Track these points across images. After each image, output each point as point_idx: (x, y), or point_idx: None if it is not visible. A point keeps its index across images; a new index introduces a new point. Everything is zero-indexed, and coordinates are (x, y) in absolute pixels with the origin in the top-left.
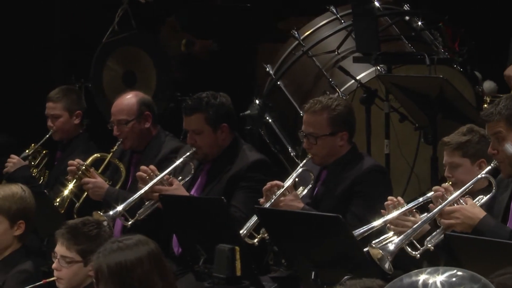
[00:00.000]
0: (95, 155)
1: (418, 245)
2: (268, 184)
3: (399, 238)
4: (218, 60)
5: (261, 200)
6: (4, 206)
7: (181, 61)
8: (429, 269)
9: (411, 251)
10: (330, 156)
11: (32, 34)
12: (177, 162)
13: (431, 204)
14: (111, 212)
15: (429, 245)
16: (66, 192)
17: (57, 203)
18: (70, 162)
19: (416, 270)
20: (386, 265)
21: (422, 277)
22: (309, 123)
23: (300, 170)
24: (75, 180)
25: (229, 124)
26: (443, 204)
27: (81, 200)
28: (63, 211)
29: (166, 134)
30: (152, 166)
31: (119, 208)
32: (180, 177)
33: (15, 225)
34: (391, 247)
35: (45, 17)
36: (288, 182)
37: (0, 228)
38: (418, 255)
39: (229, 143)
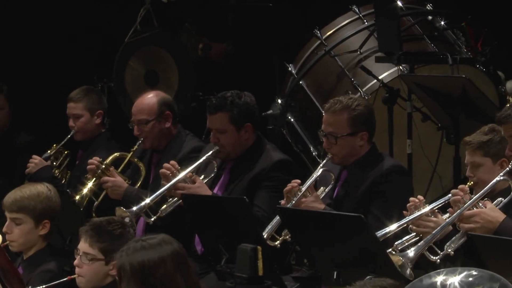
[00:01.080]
0: (115, 154)
1: (438, 250)
2: (289, 186)
3: (419, 244)
4: (237, 61)
5: (282, 201)
6: (30, 206)
7: (199, 65)
8: (447, 270)
9: (431, 256)
10: (350, 156)
11: (54, 34)
12: (200, 160)
13: (450, 209)
14: (134, 208)
15: (449, 250)
16: (85, 190)
17: (76, 201)
18: (90, 160)
19: (435, 271)
20: (407, 272)
21: (440, 278)
22: (329, 123)
23: (321, 170)
24: (94, 178)
25: (253, 124)
26: (462, 208)
27: (100, 199)
28: (81, 209)
29: (187, 134)
30: (173, 162)
31: (142, 203)
32: (203, 175)
33: (40, 224)
34: (411, 254)
35: (68, 17)
36: (308, 183)
37: (25, 227)
38: (438, 260)
39: (252, 143)
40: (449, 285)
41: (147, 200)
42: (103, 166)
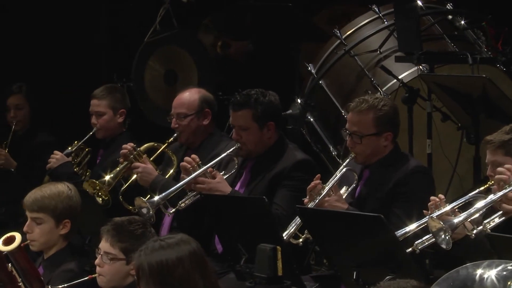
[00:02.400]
0: (150, 143)
1: (475, 225)
2: (312, 183)
3: (462, 215)
4: (255, 60)
5: (305, 200)
6: (50, 205)
7: (218, 63)
8: (484, 263)
9: (468, 229)
10: (373, 156)
11: (75, 34)
12: (221, 156)
13: (494, 186)
14: (155, 198)
15: (488, 227)
16: (114, 173)
17: (105, 182)
18: (124, 146)
19: (472, 263)
20: (444, 239)
21: (479, 271)
22: (354, 122)
23: (344, 169)
24: (125, 162)
25: (276, 123)
26: (509, 189)
27: (127, 184)
28: (110, 188)
29: (222, 134)
30: (194, 156)
31: (161, 195)
32: (224, 171)
33: (61, 224)
34: (456, 220)
35: (88, 17)
36: (332, 182)
37: (45, 227)
38: (473, 235)
39: (274, 142)
40: (486, 278)
41: (166, 192)
42: (136, 152)
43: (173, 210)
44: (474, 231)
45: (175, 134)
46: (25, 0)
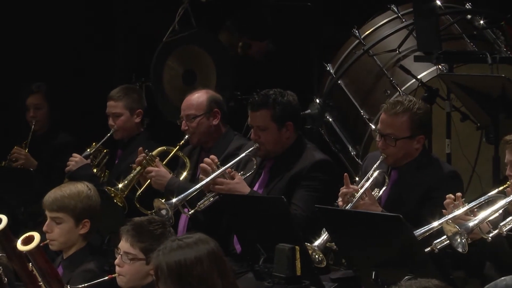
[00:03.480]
0: (162, 147)
1: (491, 229)
2: (346, 187)
3: (476, 218)
4: (275, 60)
5: (339, 202)
6: (70, 205)
7: (239, 63)
8: None
9: (483, 232)
10: (404, 158)
11: (93, 33)
12: (240, 157)
13: (508, 188)
14: (173, 200)
15: (504, 230)
16: (131, 176)
17: (119, 189)
18: (140, 149)
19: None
20: (460, 243)
21: None
22: (388, 124)
23: (377, 172)
24: (139, 168)
25: (295, 123)
26: None
27: (142, 188)
28: (125, 194)
29: (235, 134)
30: (213, 157)
31: (180, 197)
32: (242, 172)
33: (80, 223)
34: (471, 223)
35: (106, 17)
36: (366, 185)
37: (65, 226)
38: (490, 238)
39: (293, 142)
40: None
41: (185, 193)
42: (148, 157)
43: (192, 211)
44: (490, 235)
45: (186, 136)
46: (44, 1)
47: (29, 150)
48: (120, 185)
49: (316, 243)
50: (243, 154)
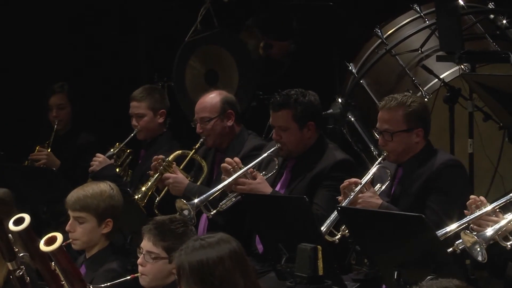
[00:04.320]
0: (178, 152)
1: (510, 237)
2: (346, 182)
3: (496, 226)
4: (297, 60)
5: (340, 197)
6: (93, 204)
7: (260, 64)
8: None
9: (503, 241)
10: (406, 154)
11: (115, 33)
12: (261, 157)
13: None
14: (195, 200)
15: None
16: (146, 187)
17: (138, 197)
18: (155, 157)
19: None
20: (480, 253)
21: None
22: (384, 120)
23: (377, 167)
24: (157, 175)
25: (316, 123)
26: None
27: (161, 195)
28: (143, 204)
29: (249, 133)
30: (236, 159)
31: (203, 196)
32: (264, 172)
33: (103, 223)
34: (489, 233)
35: (128, 17)
36: (366, 179)
37: (88, 226)
38: (510, 246)
39: (314, 142)
40: None
41: (207, 194)
42: (165, 163)
43: (214, 211)
44: (509, 243)
45: (201, 139)
46: (66, 1)
47: (52, 150)
48: (137, 197)
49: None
50: (265, 154)
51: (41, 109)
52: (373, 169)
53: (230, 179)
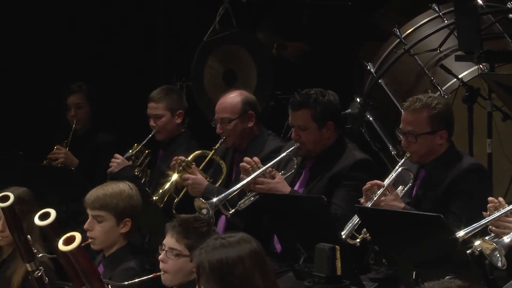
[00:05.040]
0: (197, 152)
1: None
2: (368, 184)
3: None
4: (315, 60)
5: (362, 200)
6: (112, 204)
7: (277, 63)
8: None
9: None
10: (429, 155)
11: (133, 33)
12: (280, 156)
13: None
14: (214, 200)
15: None
16: (166, 186)
17: (157, 197)
18: (175, 158)
19: None
20: (499, 259)
21: None
22: (408, 121)
23: (400, 169)
24: (176, 175)
25: (335, 123)
26: None
27: (180, 196)
28: (162, 205)
29: (269, 134)
30: (256, 158)
31: (221, 196)
32: (283, 171)
33: (122, 222)
34: (507, 240)
35: (147, 17)
36: (388, 181)
37: (106, 225)
38: None
39: (333, 141)
40: None
41: (226, 193)
42: (185, 163)
43: (232, 211)
44: None
45: (221, 140)
46: (85, 1)
47: (70, 149)
48: (155, 198)
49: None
50: (284, 154)
51: (59, 109)
52: (397, 171)
53: (249, 178)
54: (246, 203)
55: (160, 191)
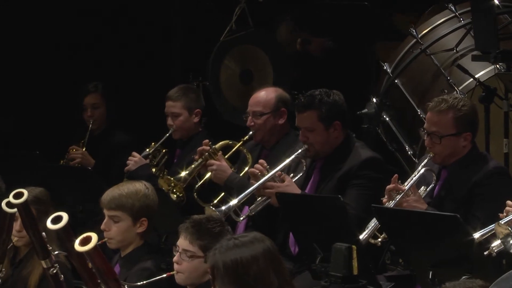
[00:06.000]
0: (225, 141)
1: None
2: (392, 185)
3: None
4: (334, 58)
5: (384, 199)
6: (128, 204)
7: (297, 60)
8: None
9: None
10: (452, 156)
11: (151, 34)
12: (289, 159)
13: None
14: (223, 207)
15: None
16: (188, 170)
17: (183, 175)
18: (204, 141)
19: None
20: None
21: None
22: (433, 122)
23: (423, 170)
24: (200, 160)
25: (342, 122)
26: None
27: (202, 181)
28: (184, 185)
29: (297, 134)
30: (262, 161)
31: (232, 203)
32: (292, 174)
33: (138, 222)
34: None
35: (163, 17)
36: (411, 182)
37: (123, 225)
38: None
39: (341, 141)
40: None
41: (235, 201)
42: (211, 150)
43: (244, 216)
44: None
45: (251, 132)
46: (101, 1)
47: (87, 149)
48: (182, 174)
49: (361, 236)
50: (293, 156)
51: (76, 109)
52: (420, 172)
53: (258, 183)
54: (256, 208)
55: (183, 173)
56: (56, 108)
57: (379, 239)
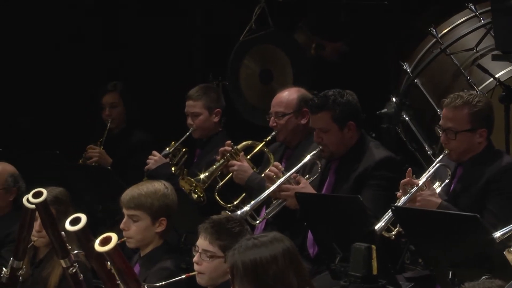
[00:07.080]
0: (247, 141)
1: None
2: (406, 179)
3: None
4: (350, 61)
5: (398, 193)
6: (147, 203)
7: (314, 64)
8: None
9: None
10: (467, 153)
11: (171, 33)
12: (304, 160)
13: None
14: (238, 212)
15: None
16: (210, 171)
17: (204, 176)
18: (227, 142)
19: None
20: None
21: None
22: (448, 118)
23: (438, 165)
24: (222, 160)
25: (356, 122)
26: None
27: (223, 182)
28: (205, 186)
29: None
30: (276, 163)
31: (246, 208)
32: (307, 176)
33: (157, 222)
34: None
35: (184, 17)
36: (426, 177)
37: (142, 224)
38: None
39: (356, 141)
40: None
41: (247, 208)
42: (233, 150)
43: (260, 220)
44: None
45: (273, 133)
46: (121, 2)
47: (105, 149)
48: (202, 176)
49: (376, 226)
50: (307, 158)
51: (95, 108)
52: (435, 167)
53: (274, 186)
54: (273, 211)
55: (203, 175)
56: (77, 108)
57: (393, 232)
